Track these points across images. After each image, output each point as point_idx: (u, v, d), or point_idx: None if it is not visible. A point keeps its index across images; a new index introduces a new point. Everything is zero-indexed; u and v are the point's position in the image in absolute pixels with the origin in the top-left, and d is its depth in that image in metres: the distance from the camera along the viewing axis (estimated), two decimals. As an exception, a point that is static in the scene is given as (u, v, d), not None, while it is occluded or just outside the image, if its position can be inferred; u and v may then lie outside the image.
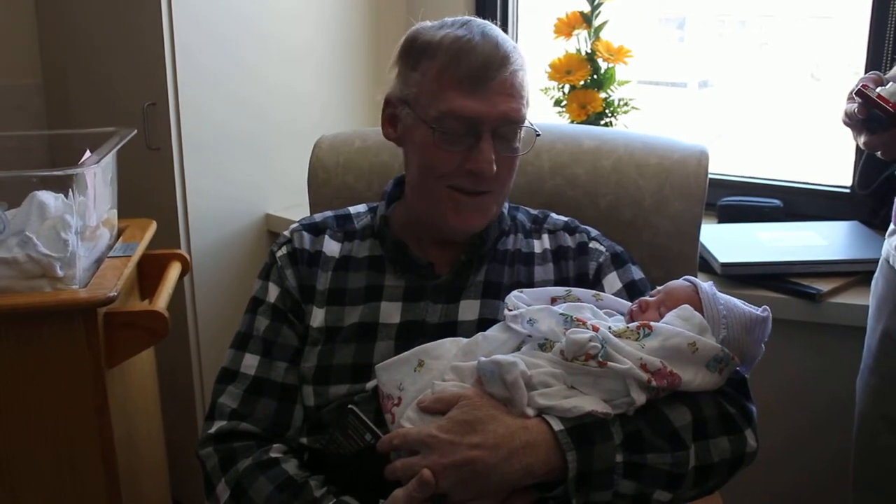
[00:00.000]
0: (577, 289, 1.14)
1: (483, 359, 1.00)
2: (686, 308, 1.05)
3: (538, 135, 1.18)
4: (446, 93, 1.10)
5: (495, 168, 1.11)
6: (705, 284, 1.09)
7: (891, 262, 1.33)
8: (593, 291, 1.14)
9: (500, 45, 1.11)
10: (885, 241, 1.38)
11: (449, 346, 1.07)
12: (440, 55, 1.11)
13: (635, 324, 1.03)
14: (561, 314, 1.03)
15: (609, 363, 0.96)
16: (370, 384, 1.10)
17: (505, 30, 1.72)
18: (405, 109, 1.15)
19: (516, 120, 1.13)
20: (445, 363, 1.05)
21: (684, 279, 1.12)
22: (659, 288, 1.12)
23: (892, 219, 1.37)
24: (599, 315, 1.08)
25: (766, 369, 1.17)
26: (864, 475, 1.40)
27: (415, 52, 1.14)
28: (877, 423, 1.35)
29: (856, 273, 1.64)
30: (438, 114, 1.10)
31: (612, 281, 1.20)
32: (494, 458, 0.94)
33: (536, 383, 0.98)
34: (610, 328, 1.02)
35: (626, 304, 1.13)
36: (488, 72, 1.09)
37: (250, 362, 1.17)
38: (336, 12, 2.25)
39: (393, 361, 1.07)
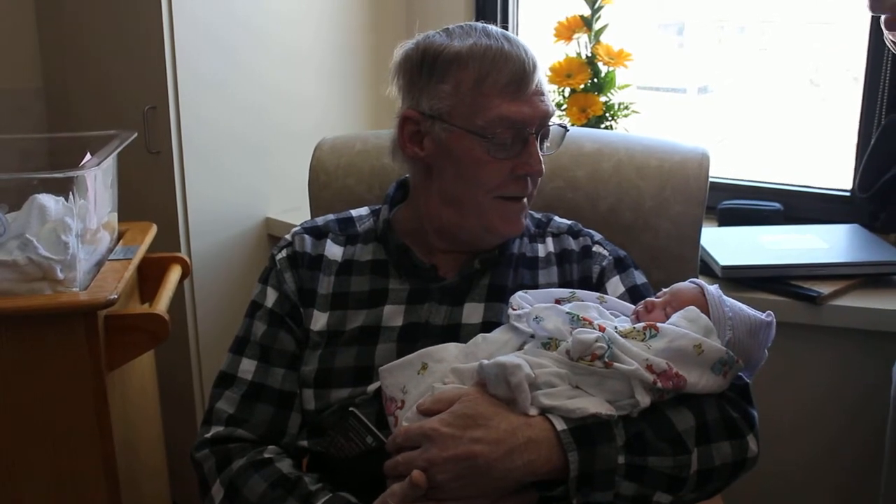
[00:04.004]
0: (581, 290, 1.14)
1: (486, 361, 0.99)
2: (692, 309, 1.04)
3: (567, 130, 1.21)
4: (490, 100, 1.10)
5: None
6: (711, 287, 1.09)
7: None
8: (597, 294, 1.14)
9: (526, 50, 1.13)
10: None
11: (452, 350, 1.06)
12: (473, 65, 1.11)
13: (641, 324, 1.02)
14: (567, 313, 1.02)
15: (615, 364, 0.96)
16: (372, 387, 1.10)
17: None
18: (438, 124, 1.13)
19: (550, 118, 1.15)
20: (448, 366, 1.04)
21: (690, 281, 1.12)
22: (664, 289, 1.12)
23: None
24: (605, 315, 1.08)
25: (765, 372, 1.17)
26: None
27: (441, 65, 1.12)
28: None
29: (857, 276, 1.64)
30: (486, 122, 1.10)
31: (615, 285, 1.20)
32: (495, 454, 0.94)
33: (541, 383, 0.97)
34: (616, 328, 1.01)
35: (629, 307, 1.13)
36: (526, 76, 1.11)
37: (247, 367, 1.16)
38: (336, 15, 2.25)
39: (396, 364, 1.06)
